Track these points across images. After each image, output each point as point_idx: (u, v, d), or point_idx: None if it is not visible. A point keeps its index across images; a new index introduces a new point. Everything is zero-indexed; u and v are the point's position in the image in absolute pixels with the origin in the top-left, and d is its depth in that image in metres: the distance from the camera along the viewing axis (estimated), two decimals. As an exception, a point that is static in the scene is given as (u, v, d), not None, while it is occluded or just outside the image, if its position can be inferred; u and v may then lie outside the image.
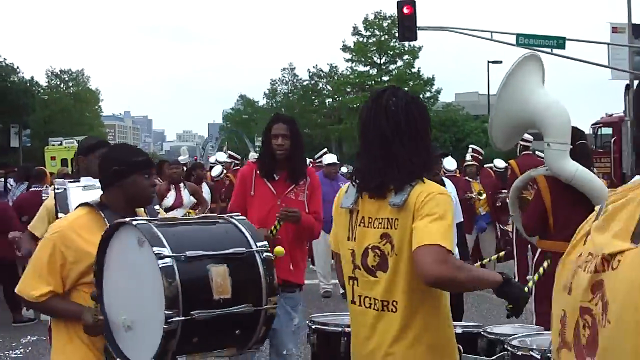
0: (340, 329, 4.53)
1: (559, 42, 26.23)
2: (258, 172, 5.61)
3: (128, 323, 3.39)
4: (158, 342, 3.10)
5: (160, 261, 3.09)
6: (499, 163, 15.06)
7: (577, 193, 5.98)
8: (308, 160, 19.31)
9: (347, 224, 3.63)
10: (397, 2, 25.83)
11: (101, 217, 3.86)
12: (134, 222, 3.32)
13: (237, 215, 3.61)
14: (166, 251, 3.12)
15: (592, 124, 29.95)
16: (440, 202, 3.38)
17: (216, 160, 20.67)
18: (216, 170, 17.90)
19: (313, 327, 4.72)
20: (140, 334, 3.33)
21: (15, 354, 9.26)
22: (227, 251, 3.29)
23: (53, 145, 37.40)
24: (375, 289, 3.50)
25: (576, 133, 6.10)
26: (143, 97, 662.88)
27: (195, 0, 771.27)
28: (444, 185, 6.71)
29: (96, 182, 4.26)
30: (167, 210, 9.95)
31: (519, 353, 4.21)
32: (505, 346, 4.34)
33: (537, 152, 12.31)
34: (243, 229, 3.44)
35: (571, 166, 5.77)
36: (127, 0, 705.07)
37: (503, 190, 12.36)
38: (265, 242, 3.45)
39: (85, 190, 4.47)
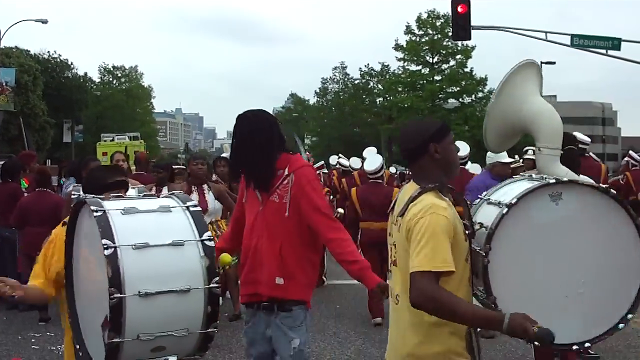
0: None
1: (614, 43, 25.78)
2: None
3: None
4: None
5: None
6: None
7: None
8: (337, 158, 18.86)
9: None
10: (452, 0, 25.57)
11: None
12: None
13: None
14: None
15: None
16: None
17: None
18: None
19: None
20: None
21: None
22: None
23: (105, 140, 38.00)
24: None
25: (566, 138, 6.19)
26: (194, 95, 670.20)
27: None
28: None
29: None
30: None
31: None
32: None
33: (591, 154, 12.07)
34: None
35: (561, 170, 5.87)
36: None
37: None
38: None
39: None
